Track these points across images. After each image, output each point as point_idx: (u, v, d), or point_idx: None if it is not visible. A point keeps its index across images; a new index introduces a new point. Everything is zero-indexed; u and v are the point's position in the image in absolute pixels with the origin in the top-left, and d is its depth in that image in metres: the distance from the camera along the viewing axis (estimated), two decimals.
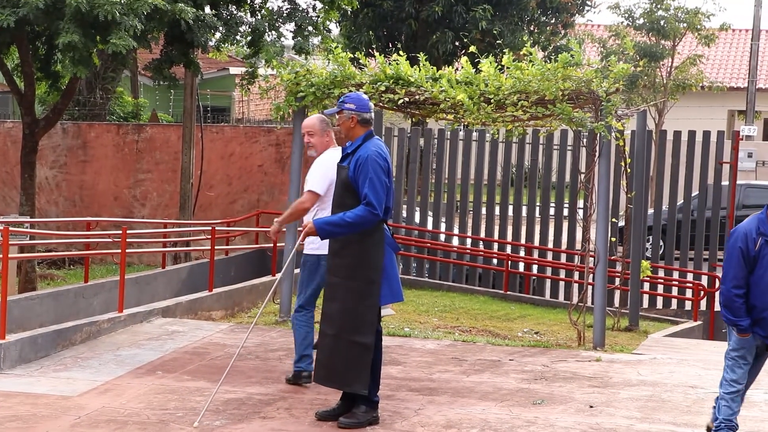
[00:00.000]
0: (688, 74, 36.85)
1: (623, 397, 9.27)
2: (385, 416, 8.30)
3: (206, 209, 21.69)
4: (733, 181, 17.83)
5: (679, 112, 36.85)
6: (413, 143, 19.07)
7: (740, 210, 25.95)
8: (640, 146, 15.04)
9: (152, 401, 8.63)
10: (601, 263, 12.10)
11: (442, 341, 11.88)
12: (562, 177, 18.77)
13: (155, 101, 34.53)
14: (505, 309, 16.13)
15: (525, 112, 12.14)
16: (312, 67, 12.93)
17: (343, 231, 7.88)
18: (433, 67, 12.69)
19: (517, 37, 28.08)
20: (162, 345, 10.90)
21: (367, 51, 28.94)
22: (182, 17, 14.92)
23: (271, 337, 11.56)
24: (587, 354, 11.36)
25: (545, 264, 18.59)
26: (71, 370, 9.70)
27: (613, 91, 11.94)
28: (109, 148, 22.54)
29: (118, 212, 22.14)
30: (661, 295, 18.39)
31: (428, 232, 18.66)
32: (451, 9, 28.19)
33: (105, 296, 14.76)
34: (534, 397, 9.11)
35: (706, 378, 10.24)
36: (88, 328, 10.99)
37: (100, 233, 17.08)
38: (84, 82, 24.45)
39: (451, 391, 9.24)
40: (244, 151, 21.90)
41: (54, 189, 22.67)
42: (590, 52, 38.30)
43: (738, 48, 48.06)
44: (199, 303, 13.29)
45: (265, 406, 8.52)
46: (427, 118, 13.33)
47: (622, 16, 37.07)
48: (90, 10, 14.13)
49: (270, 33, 17.74)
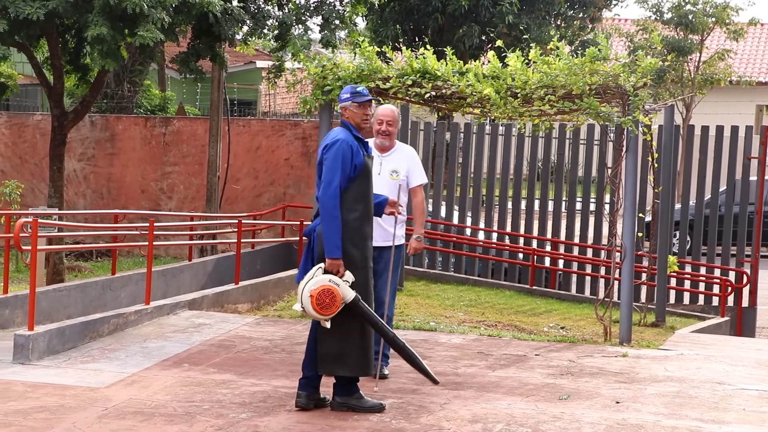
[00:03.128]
0: (716, 69, 36.68)
1: (650, 392, 9.24)
2: (411, 410, 8.32)
3: (232, 202, 21.75)
4: (761, 176, 17.73)
5: (707, 107, 36.68)
6: (439, 137, 19.06)
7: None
8: (668, 141, 14.98)
9: (179, 393, 8.66)
10: (628, 258, 12.07)
11: (468, 336, 11.88)
12: (589, 172, 18.72)
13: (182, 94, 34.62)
14: (530, 304, 16.10)
15: (552, 107, 12.11)
16: (339, 61, 12.93)
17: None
18: (460, 62, 12.67)
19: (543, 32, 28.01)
20: (188, 337, 10.94)
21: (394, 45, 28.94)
22: (210, 10, 14.97)
23: (297, 331, 11.59)
24: (613, 349, 11.33)
25: (571, 259, 18.55)
26: (99, 362, 9.74)
27: (640, 86, 11.89)
28: (136, 141, 22.63)
29: (145, 205, 22.22)
30: (688, 291, 18.32)
31: (454, 226, 18.65)
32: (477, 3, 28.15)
33: (132, 288, 14.82)
34: (560, 392, 9.10)
35: (733, 374, 10.20)
36: (116, 320, 11.04)
37: (127, 225, 17.16)
38: (112, 75, 24.54)
39: (476, 385, 9.24)
40: (271, 145, 21.94)
41: (82, 181, 22.78)
42: (617, 47, 38.17)
43: (767, 42, 47.79)
44: (226, 296, 13.33)
45: (290, 399, 8.54)
46: (453, 112, 13.32)
47: (650, 10, 36.92)
48: (118, 3, 14.20)
49: (297, 26, 17.77)
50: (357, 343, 8.14)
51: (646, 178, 16.75)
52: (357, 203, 8.14)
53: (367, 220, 8.21)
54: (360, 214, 8.14)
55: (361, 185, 8.18)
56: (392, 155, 9.39)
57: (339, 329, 8.08)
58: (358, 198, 8.15)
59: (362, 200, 8.16)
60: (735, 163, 18.15)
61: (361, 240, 8.15)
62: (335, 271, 8.01)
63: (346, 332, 8.10)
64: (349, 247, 8.08)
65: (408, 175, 9.39)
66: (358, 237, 8.14)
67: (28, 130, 23.23)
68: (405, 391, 8.89)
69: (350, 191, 8.11)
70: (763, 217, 18.21)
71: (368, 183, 8.22)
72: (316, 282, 7.99)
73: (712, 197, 18.46)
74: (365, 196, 8.20)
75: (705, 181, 18.29)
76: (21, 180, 21.54)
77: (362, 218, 8.16)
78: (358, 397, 8.25)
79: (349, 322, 8.10)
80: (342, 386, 8.26)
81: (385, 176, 9.26)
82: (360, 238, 8.15)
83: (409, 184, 9.42)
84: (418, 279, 16.85)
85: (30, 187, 22.37)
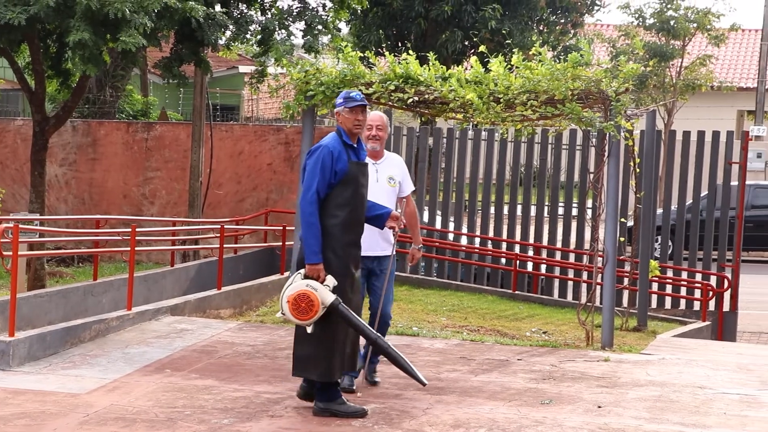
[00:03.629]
0: (698, 74, 36.83)
1: (631, 397, 9.26)
2: (393, 415, 8.32)
3: (215, 207, 21.72)
4: (743, 181, 17.80)
5: (689, 112, 36.82)
6: (422, 142, 19.07)
7: (749, 210, 25.94)
8: (650, 146, 15.02)
9: (160, 399, 8.64)
10: (610, 263, 12.10)
11: (451, 340, 11.89)
12: (571, 177, 18.75)
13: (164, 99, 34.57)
14: (513, 309, 16.12)
15: (534, 112, 12.13)
16: (321, 66, 12.93)
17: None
18: (443, 67, 12.69)
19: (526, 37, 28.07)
20: (170, 343, 10.92)
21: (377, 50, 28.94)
22: (193, 15, 14.94)
23: (280, 336, 11.57)
24: (595, 354, 11.35)
25: (554, 264, 18.58)
26: (80, 368, 9.72)
27: (622, 91, 11.93)
28: (118, 146, 22.58)
29: (127, 210, 22.17)
30: (670, 296, 18.37)
31: (437, 231, 18.65)
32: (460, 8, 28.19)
33: (114, 294, 14.78)
34: (542, 397, 9.11)
35: (714, 378, 10.23)
36: (97, 326, 11.01)
37: (109, 231, 17.10)
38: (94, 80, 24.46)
39: (459, 390, 9.25)
40: (254, 150, 21.92)
41: (63, 187, 22.71)
42: (599, 52, 38.27)
43: (748, 48, 48.00)
44: (208, 301, 13.31)
45: (273, 405, 8.53)
46: (436, 117, 13.34)
47: (632, 15, 37.04)
48: (100, 8, 14.16)
49: (280, 32, 17.75)
50: (329, 347, 8.14)
51: (628, 183, 16.79)
52: (338, 209, 8.13)
53: (350, 227, 8.19)
54: (341, 220, 8.13)
55: (344, 192, 8.16)
56: (385, 162, 9.36)
57: (314, 333, 8.10)
58: (340, 204, 8.14)
59: (345, 207, 8.14)
60: (716, 168, 18.21)
61: (341, 247, 8.14)
62: (315, 276, 8.03)
63: (320, 336, 8.12)
64: (328, 253, 8.10)
65: (401, 183, 9.39)
66: (338, 243, 8.14)
67: (9, 135, 23.15)
68: (387, 396, 8.89)
69: (331, 197, 8.12)
70: (744, 221, 18.27)
71: (353, 190, 8.19)
72: (294, 287, 8.03)
73: (693, 202, 18.52)
74: (349, 203, 8.17)
75: (686, 186, 18.34)
76: (2, 185, 21.46)
77: (344, 225, 8.14)
78: (341, 402, 8.25)
79: (324, 327, 8.10)
80: (322, 391, 8.26)
81: (383, 183, 9.22)
82: (340, 245, 8.14)
83: (402, 191, 9.41)
84: (401, 284, 16.85)
85: (11, 193, 22.29)
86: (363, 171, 8.31)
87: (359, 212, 8.27)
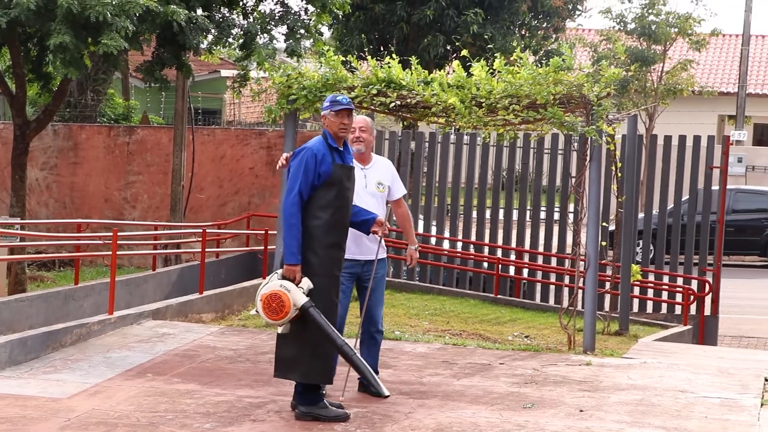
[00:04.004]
0: (679, 79, 36.96)
1: (613, 401, 9.28)
2: (376, 420, 8.31)
3: (197, 212, 21.68)
4: (723, 185, 17.86)
5: (670, 117, 36.94)
6: (404, 146, 19.08)
7: (730, 215, 26.04)
8: (631, 150, 15.06)
9: (142, 404, 8.62)
10: (592, 267, 12.12)
11: (433, 344, 11.89)
12: (553, 181, 18.78)
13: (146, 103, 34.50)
14: (495, 313, 16.13)
15: (516, 116, 12.15)
16: (304, 70, 12.92)
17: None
18: (425, 71, 12.70)
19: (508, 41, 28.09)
20: (152, 347, 10.89)
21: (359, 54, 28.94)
22: (174, 19, 14.92)
23: (262, 340, 11.56)
24: (577, 358, 11.37)
25: (536, 268, 18.60)
26: (61, 372, 9.68)
27: (604, 96, 11.96)
28: (99, 150, 22.52)
29: (108, 214, 22.11)
30: (651, 300, 18.42)
31: (419, 235, 18.66)
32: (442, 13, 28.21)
33: (95, 298, 14.73)
34: (524, 401, 9.12)
35: (695, 382, 10.26)
36: (78, 330, 10.97)
37: (90, 235, 17.07)
38: (75, 84, 24.42)
39: (441, 394, 9.25)
40: (235, 154, 21.90)
41: (44, 190, 22.65)
42: (581, 57, 38.38)
43: (728, 53, 48.20)
44: (190, 305, 13.28)
45: (255, 409, 8.52)
46: (418, 121, 13.34)
47: (614, 20, 37.15)
48: (81, 11, 14.12)
49: (262, 36, 17.75)
50: (310, 350, 8.15)
51: (609, 187, 16.83)
52: (321, 211, 8.16)
53: (333, 229, 8.20)
54: (324, 222, 8.15)
55: (327, 194, 8.18)
56: (374, 167, 9.29)
57: (296, 335, 8.12)
58: (323, 206, 8.16)
59: (328, 209, 8.17)
60: (697, 172, 18.27)
61: (322, 248, 8.16)
62: (291, 277, 8.06)
63: (302, 338, 8.13)
64: (308, 254, 8.12)
65: (390, 187, 9.32)
66: (319, 245, 8.15)
67: None
68: (370, 401, 8.88)
69: (314, 199, 8.15)
70: (725, 226, 18.33)
71: (337, 192, 8.21)
72: (269, 287, 8.10)
73: (674, 206, 18.57)
74: (332, 205, 8.19)
75: (668, 190, 18.39)
76: None
77: (327, 226, 8.16)
78: (323, 407, 8.24)
79: (306, 329, 8.11)
80: (304, 395, 8.26)
81: (372, 189, 9.15)
82: (321, 246, 8.16)
83: (392, 195, 9.35)
84: None
85: None
86: (348, 174, 8.32)
87: (343, 215, 8.28)
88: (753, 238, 27.92)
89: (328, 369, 8.26)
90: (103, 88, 26.68)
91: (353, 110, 8.41)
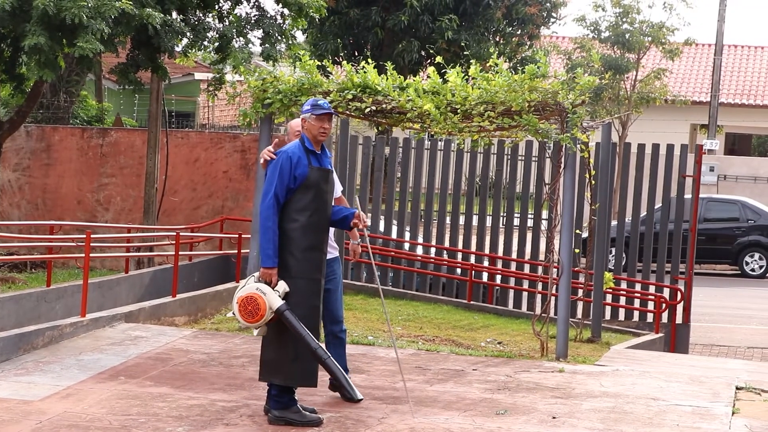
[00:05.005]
0: (652, 87, 37.13)
1: (586, 408, 9.31)
2: (349, 425, 8.31)
3: (170, 214, 21.61)
4: (696, 194, 17.94)
5: (643, 125, 37.10)
6: (378, 152, 19.08)
7: (702, 224, 26.17)
8: (605, 158, 15.11)
9: (114, 407, 8.59)
10: (565, 274, 12.16)
11: (406, 350, 11.90)
12: (527, 188, 18.83)
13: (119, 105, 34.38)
14: (468, 319, 16.15)
15: (491, 123, 12.18)
16: (279, 75, 12.93)
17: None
18: (400, 77, 12.72)
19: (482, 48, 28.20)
20: (125, 350, 10.85)
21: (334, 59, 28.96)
22: (150, 22, 14.88)
23: (235, 344, 11.54)
24: (550, 365, 11.40)
25: (509, 274, 18.63)
26: (32, 375, 9.64)
27: (578, 103, 12.01)
28: (73, 152, 22.42)
29: (81, 216, 22.01)
30: (624, 307, 18.47)
31: (392, 240, 18.67)
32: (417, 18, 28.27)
33: (67, 300, 14.67)
34: (497, 407, 9.14)
35: (667, 390, 10.30)
36: (50, 333, 10.92)
37: (63, 237, 16.98)
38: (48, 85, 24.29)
39: (414, 400, 9.25)
40: (210, 157, 21.83)
41: (17, 192, 22.53)
42: (555, 64, 38.51)
43: (701, 62, 48.48)
44: (163, 308, 13.24)
45: (228, 413, 8.50)
46: (393, 126, 13.36)
47: (588, 28, 37.29)
48: (57, 13, 14.07)
49: (238, 39, 17.72)
50: (292, 353, 8.16)
51: (583, 194, 16.87)
52: (298, 214, 8.22)
53: (311, 231, 8.25)
54: (301, 224, 8.21)
55: (304, 196, 8.26)
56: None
57: (278, 338, 8.15)
58: (300, 209, 8.23)
59: (304, 211, 8.23)
60: (670, 181, 18.33)
61: (300, 251, 8.20)
62: (268, 280, 8.08)
63: (284, 342, 8.16)
64: (286, 256, 8.18)
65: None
66: (297, 247, 8.20)
67: None
68: (343, 405, 8.88)
69: (291, 202, 8.24)
70: (697, 234, 18.41)
71: (313, 194, 8.28)
72: (245, 290, 8.17)
73: (647, 214, 18.64)
74: (309, 207, 8.26)
75: (641, 198, 18.45)
76: None
77: (304, 229, 8.21)
78: (296, 411, 8.25)
79: (287, 332, 8.14)
80: (277, 399, 8.26)
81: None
82: (299, 249, 8.20)
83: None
84: (356, 293, 16.84)
85: None
86: (325, 177, 8.38)
87: (321, 217, 8.32)
88: (724, 247, 28.08)
89: (310, 371, 8.27)
90: (76, 89, 26.55)
91: (333, 115, 8.46)
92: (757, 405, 9.87)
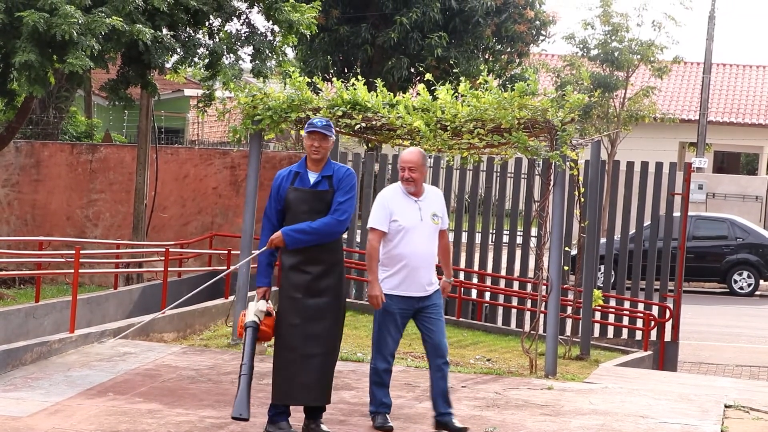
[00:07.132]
0: (641, 105, 37.21)
1: (574, 425, 9.31)
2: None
3: (159, 231, 21.59)
4: (685, 212, 17.97)
5: (632, 143, 37.18)
6: (368, 168, 19.10)
7: (690, 241, 26.22)
8: (594, 176, 15.15)
9: (103, 423, 8.57)
10: (554, 291, 12.17)
11: (395, 367, 11.87)
12: (516, 205, 18.85)
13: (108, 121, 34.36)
14: (457, 335, 16.15)
15: (481, 140, 12.21)
16: (269, 91, 12.95)
17: (309, 239, 8.18)
18: (390, 93, 12.74)
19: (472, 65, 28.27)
20: (113, 366, 10.83)
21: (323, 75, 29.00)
22: (140, 38, 14.89)
23: (224, 360, 11.52)
24: (539, 382, 11.40)
25: (498, 291, 18.64)
26: (21, 391, 9.61)
27: (568, 121, 12.04)
28: (62, 168, 22.40)
29: (70, 232, 21.97)
30: (613, 325, 18.48)
31: None
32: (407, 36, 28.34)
33: (56, 316, 14.64)
34: (486, 425, 9.13)
35: (656, 408, 10.31)
36: (39, 348, 10.90)
37: (52, 253, 16.95)
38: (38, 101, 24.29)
39: (403, 417, 9.24)
40: (199, 173, 21.83)
41: (6, 208, 22.49)
42: (544, 82, 38.59)
43: (690, 81, 48.64)
44: (152, 325, 13.22)
45: (217, 430, 8.49)
46: (383, 143, 13.38)
47: (577, 46, 37.38)
48: (47, 30, 14.08)
49: (228, 56, 17.73)
50: (275, 369, 8.31)
51: (572, 212, 16.90)
52: None
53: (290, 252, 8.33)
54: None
55: (288, 217, 8.39)
56: (427, 199, 8.97)
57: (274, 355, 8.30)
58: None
59: None
60: (659, 198, 18.38)
61: (284, 270, 8.47)
62: (259, 298, 8.34)
63: (274, 359, 8.26)
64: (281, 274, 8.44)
65: (442, 218, 9.07)
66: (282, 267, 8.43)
67: None
68: (331, 422, 8.87)
69: (284, 222, 8.38)
70: (686, 252, 18.44)
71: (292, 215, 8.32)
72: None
73: (636, 232, 18.69)
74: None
75: (630, 216, 18.50)
76: None
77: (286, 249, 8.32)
78: (280, 427, 8.25)
79: (276, 349, 8.24)
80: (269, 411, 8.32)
81: (428, 221, 8.91)
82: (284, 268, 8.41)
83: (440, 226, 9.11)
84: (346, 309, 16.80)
85: None
86: (303, 197, 8.31)
87: None
88: (713, 265, 28.15)
89: (285, 390, 8.23)
90: (66, 105, 26.56)
91: (326, 133, 8.38)
92: (745, 423, 9.89)
